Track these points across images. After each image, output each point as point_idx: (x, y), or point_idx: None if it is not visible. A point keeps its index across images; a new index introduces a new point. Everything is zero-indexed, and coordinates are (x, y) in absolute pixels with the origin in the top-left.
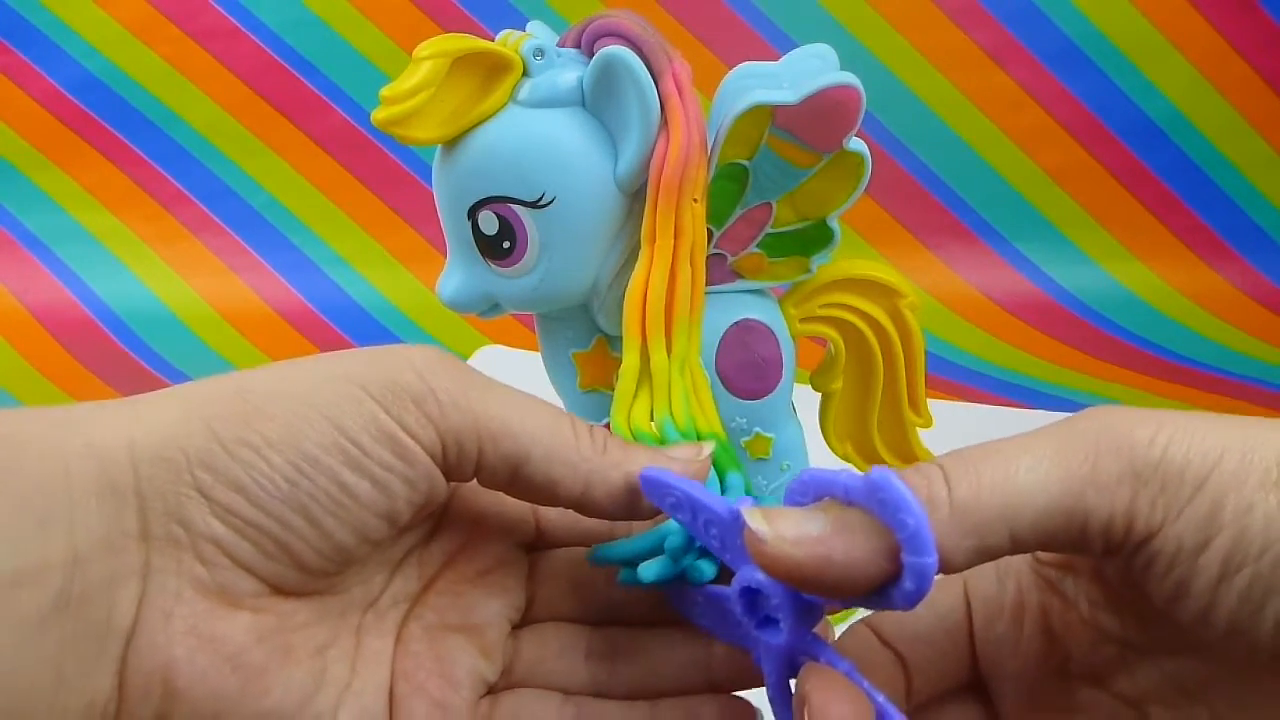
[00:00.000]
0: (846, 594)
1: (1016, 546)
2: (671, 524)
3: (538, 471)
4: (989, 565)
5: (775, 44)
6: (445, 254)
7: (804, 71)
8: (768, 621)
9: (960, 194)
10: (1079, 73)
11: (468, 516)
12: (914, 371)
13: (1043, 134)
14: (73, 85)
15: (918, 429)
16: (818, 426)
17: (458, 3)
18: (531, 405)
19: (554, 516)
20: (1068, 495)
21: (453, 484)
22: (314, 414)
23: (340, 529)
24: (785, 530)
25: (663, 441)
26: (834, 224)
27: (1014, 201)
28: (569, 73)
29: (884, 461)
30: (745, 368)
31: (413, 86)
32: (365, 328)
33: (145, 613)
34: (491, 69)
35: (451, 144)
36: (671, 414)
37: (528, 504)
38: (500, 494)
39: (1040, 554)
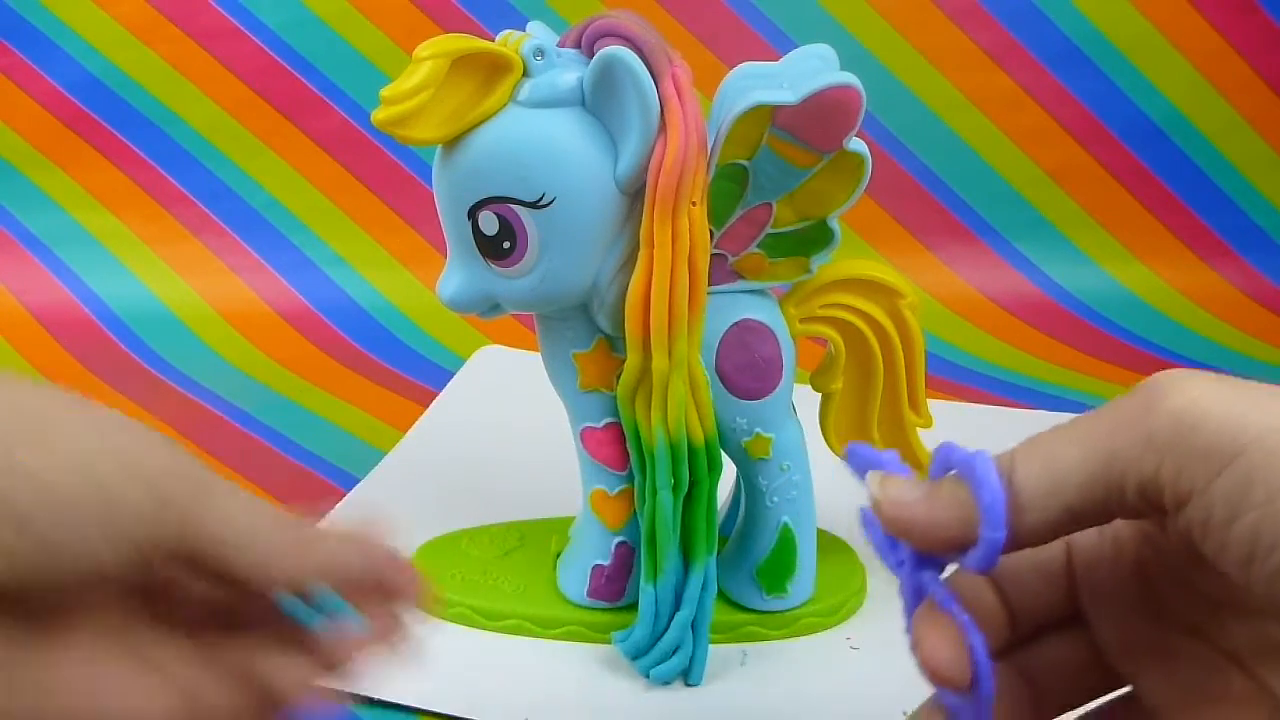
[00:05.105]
0: (931, 548)
1: (1078, 519)
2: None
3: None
4: None
5: (775, 44)
6: (445, 254)
7: (804, 71)
8: (900, 564)
9: (960, 194)
10: (1079, 73)
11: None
12: (914, 371)
13: (1043, 134)
14: (73, 85)
15: (918, 429)
16: (818, 426)
17: (458, 3)
18: (250, 504)
19: None
20: (1100, 467)
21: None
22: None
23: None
24: (889, 493)
25: (653, 454)
26: (834, 224)
27: (1014, 201)
28: (569, 73)
29: None
30: (745, 368)
31: (413, 87)
32: (365, 328)
33: None
34: (491, 69)
35: (452, 144)
36: (666, 422)
37: None
38: None
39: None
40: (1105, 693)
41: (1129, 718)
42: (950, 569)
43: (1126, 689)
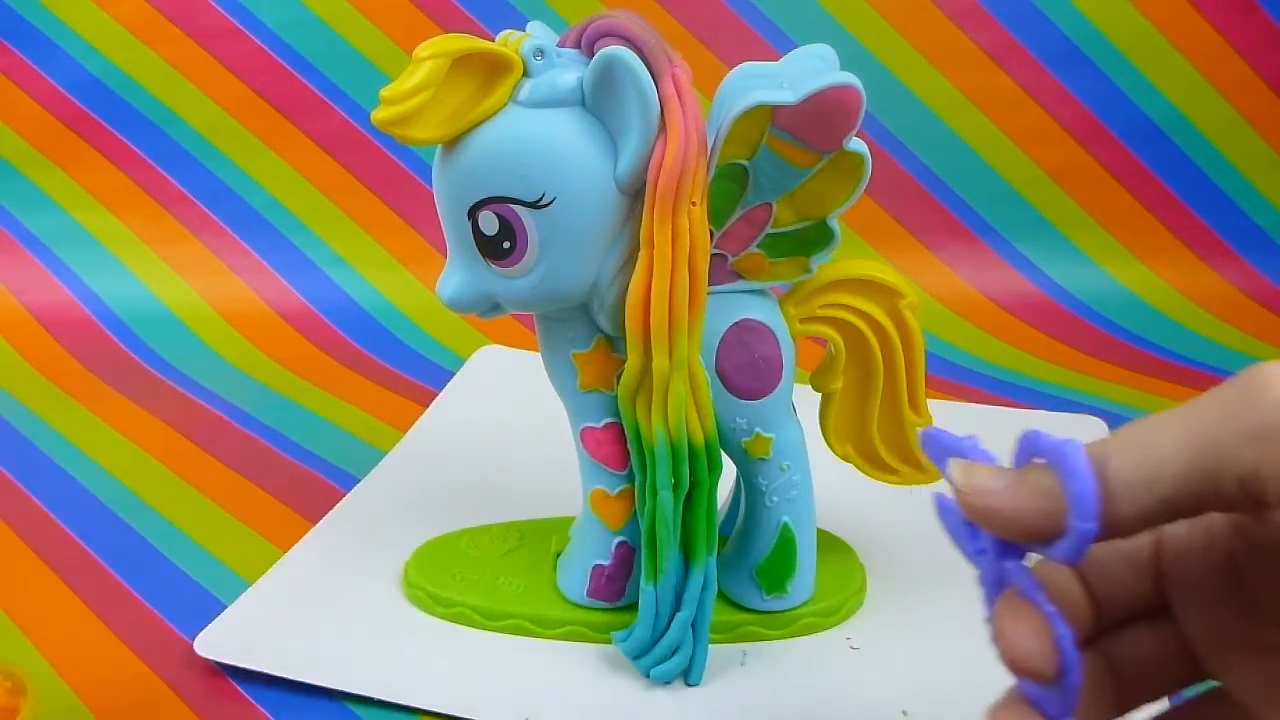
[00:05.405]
0: (1015, 538)
1: (1173, 511)
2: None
3: None
4: None
5: (775, 44)
6: (445, 254)
7: (804, 71)
8: (981, 552)
9: (960, 194)
10: (1079, 73)
11: None
12: (914, 371)
13: (1043, 134)
14: (73, 85)
15: (918, 429)
16: (818, 426)
17: (458, 3)
18: None
19: None
20: (1198, 458)
21: None
22: None
23: None
24: (975, 481)
25: (654, 454)
26: (834, 224)
27: (1014, 201)
28: (569, 73)
29: (884, 461)
30: (745, 368)
31: (413, 87)
32: (365, 328)
33: None
34: (491, 69)
35: (451, 144)
36: (666, 422)
37: None
38: None
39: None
40: (1192, 684)
41: (1217, 712)
42: (1033, 558)
43: (1215, 683)
